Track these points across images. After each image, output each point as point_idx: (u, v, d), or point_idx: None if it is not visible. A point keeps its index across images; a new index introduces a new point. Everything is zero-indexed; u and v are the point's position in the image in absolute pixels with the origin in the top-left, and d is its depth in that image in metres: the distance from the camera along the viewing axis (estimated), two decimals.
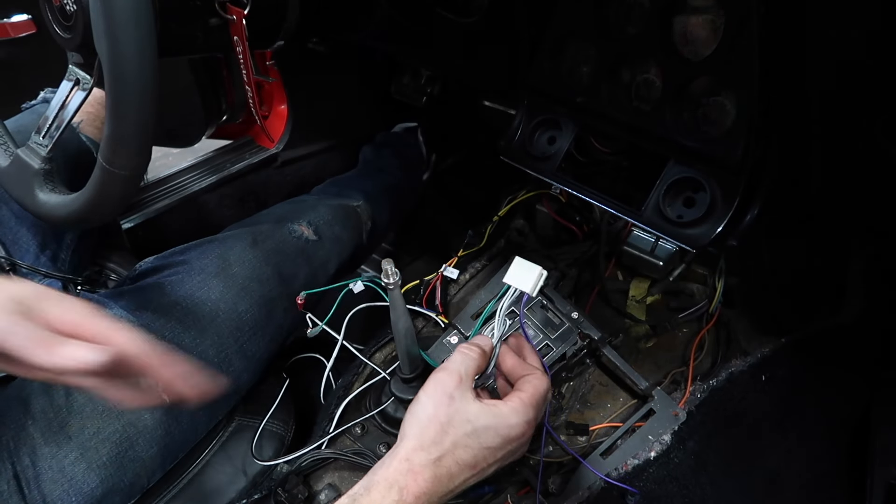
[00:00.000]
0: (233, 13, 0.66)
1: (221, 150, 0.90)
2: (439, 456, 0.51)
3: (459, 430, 0.52)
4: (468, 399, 0.53)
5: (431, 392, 0.54)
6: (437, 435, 0.52)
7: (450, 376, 0.54)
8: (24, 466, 0.64)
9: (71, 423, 0.65)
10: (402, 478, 0.50)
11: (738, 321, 0.84)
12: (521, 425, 0.54)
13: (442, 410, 0.52)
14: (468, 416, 0.53)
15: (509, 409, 0.54)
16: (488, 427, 0.53)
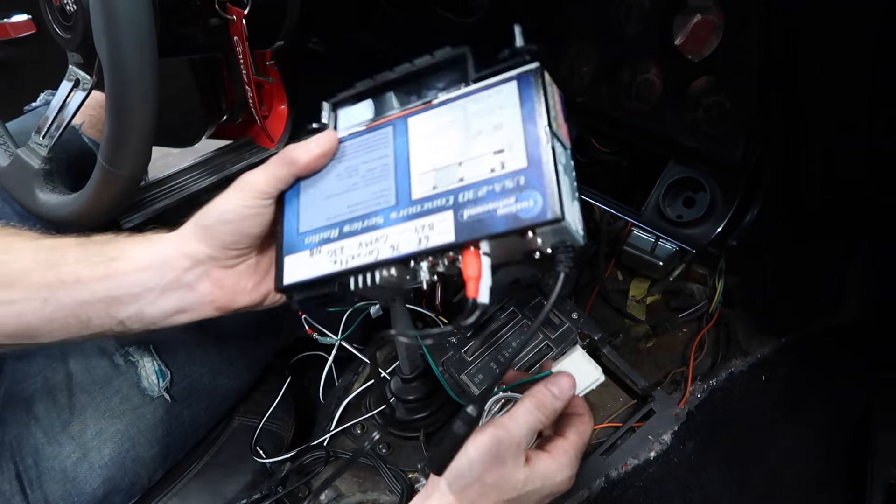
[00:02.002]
0: (233, 13, 0.66)
1: (221, 150, 0.89)
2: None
3: (503, 495, 0.48)
4: (520, 465, 0.49)
5: (485, 451, 0.47)
6: (478, 496, 0.48)
7: (510, 439, 0.48)
8: (27, 466, 0.64)
9: (73, 423, 0.65)
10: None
11: (738, 321, 0.84)
12: (565, 482, 0.51)
13: (490, 475, 0.47)
14: (515, 484, 0.48)
15: (557, 467, 0.50)
16: (534, 491, 0.49)
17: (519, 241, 0.42)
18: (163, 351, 0.70)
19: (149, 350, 0.69)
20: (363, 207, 0.47)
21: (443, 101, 0.46)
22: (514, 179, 0.42)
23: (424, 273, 0.45)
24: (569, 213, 0.41)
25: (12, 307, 0.53)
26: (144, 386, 0.68)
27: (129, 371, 0.68)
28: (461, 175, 0.44)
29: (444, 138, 0.45)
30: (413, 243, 0.44)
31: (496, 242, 0.42)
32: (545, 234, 0.41)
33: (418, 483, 0.71)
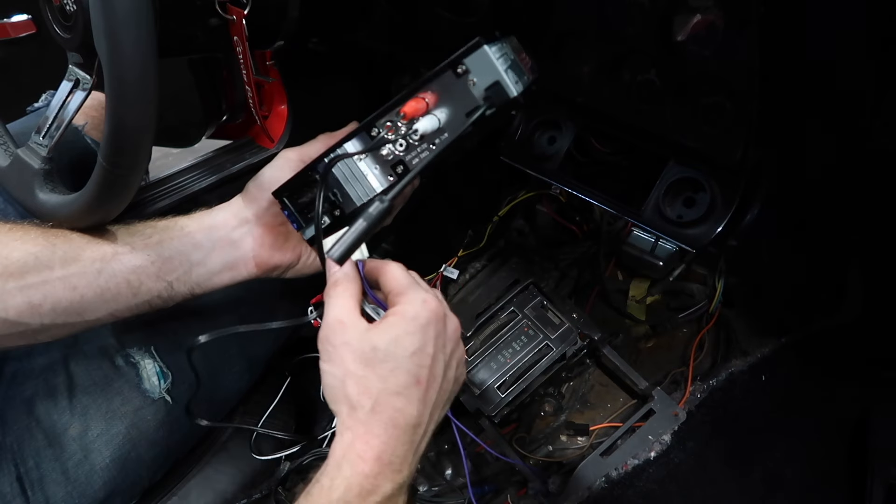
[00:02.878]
0: (233, 13, 0.65)
1: (221, 150, 0.89)
2: (375, 401, 0.46)
3: (373, 361, 0.46)
4: (361, 332, 0.47)
5: (326, 358, 0.48)
6: (357, 384, 0.46)
7: (332, 331, 0.48)
8: (29, 468, 0.64)
9: (74, 424, 0.65)
10: (349, 450, 0.45)
11: (738, 321, 0.84)
12: (426, 308, 0.48)
13: (348, 362, 0.46)
14: (371, 344, 0.46)
15: (402, 306, 0.48)
16: (397, 335, 0.47)
17: (454, 83, 0.50)
18: (163, 352, 0.70)
19: (150, 351, 0.69)
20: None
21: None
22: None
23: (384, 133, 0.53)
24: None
25: (68, 281, 0.56)
26: (145, 387, 0.68)
27: (129, 372, 0.68)
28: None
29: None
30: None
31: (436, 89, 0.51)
32: (475, 67, 0.50)
33: (417, 483, 0.71)
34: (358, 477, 0.45)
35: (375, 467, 0.45)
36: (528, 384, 0.74)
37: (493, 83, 0.51)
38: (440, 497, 0.74)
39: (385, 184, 0.56)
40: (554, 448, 0.76)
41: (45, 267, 0.57)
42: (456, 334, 0.52)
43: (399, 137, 0.54)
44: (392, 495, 0.46)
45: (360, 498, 0.44)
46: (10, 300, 0.56)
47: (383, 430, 0.46)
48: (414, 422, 0.47)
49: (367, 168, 0.56)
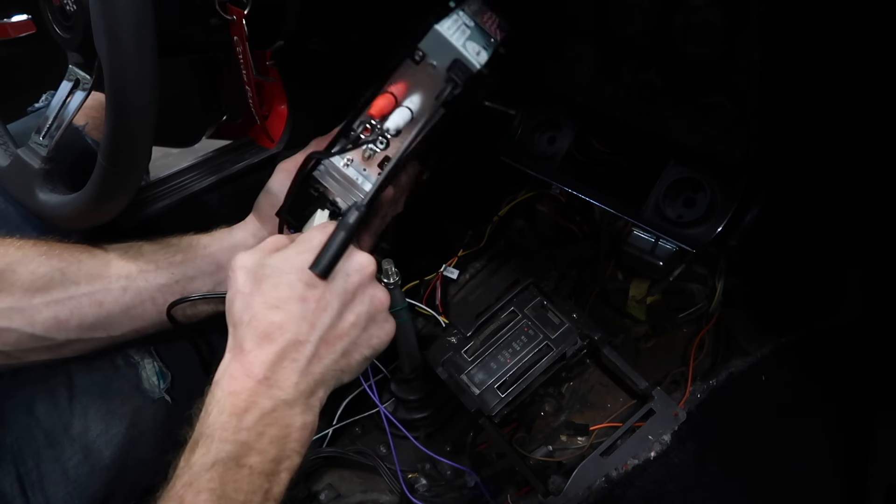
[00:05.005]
0: (233, 13, 0.65)
1: (221, 150, 0.89)
2: (251, 316, 0.45)
3: (259, 278, 0.47)
4: (262, 255, 0.49)
5: (228, 283, 0.49)
6: (242, 301, 0.46)
7: (238, 257, 0.49)
8: (29, 469, 0.64)
9: (74, 425, 0.65)
10: (223, 372, 0.45)
11: (738, 321, 0.84)
12: (317, 233, 0.49)
13: (239, 282, 0.47)
14: (263, 262, 0.48)
15: (307, 234, 0.51)
16: (288, 254, 0.48)
17: (416, 70, 0.50)
18: (163, 352, 0.70)
19: (149, 352, 0.69)
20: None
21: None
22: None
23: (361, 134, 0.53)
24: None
25: (94, 297, 0.57)
26: (145, 387, 0.68)
27: (129, 373, 0.68)
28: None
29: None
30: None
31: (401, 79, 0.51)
32: (431, 49, 0.49)
33: (418, 483, 0.71)
34: (230, 397, 0.43)
35: (247, 383, 0.43)
36: (528, 384, 0.74)
37: (452, 62, 0.49)
38: (440, 497, 0.74)
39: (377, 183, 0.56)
40: (554, 448, 0.76)
41: (72, 283, 0.58)
42: (364, 272, 0.50)
43: (377, 136, 0.53)
44: (273, 412, 0.43)
45: (235, 417, 0.43)
46: (36, 315, 0.57)
47: (255, 345, 0.44)
48: (293, 337, 0.45)
49: (356, 172, 0.56)
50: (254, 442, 0.42)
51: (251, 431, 0.42)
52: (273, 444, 0.43)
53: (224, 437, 0.42)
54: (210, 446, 0.42)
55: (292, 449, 0.44)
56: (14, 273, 0.58)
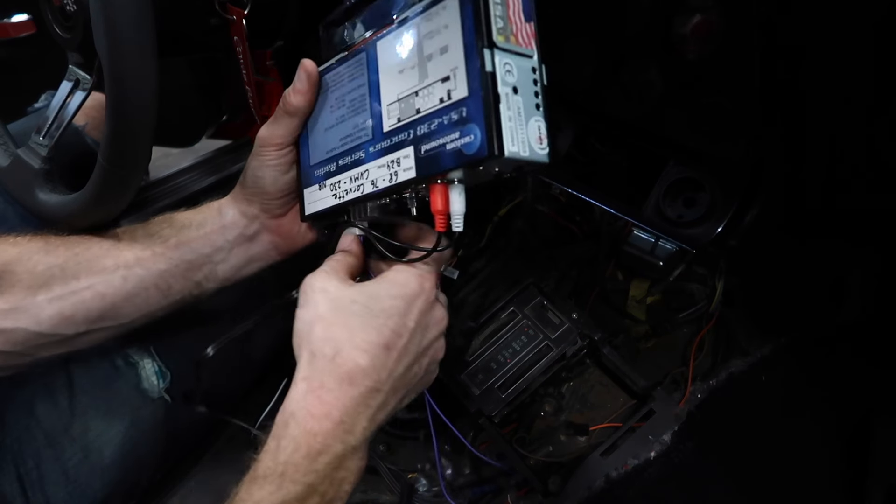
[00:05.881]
0: (233, 13, 0.65)
1: (221, 150, 0.89)
2: (336, 350, 0.43)
3: (346, 312, 0.44)
4: (343, 283, 0.46)
5: (302, 303, 0.46)
6: (324, 330, 0.44)
7: (315, 277, 0.47)
8: (29, 469, 0.64)
9: (74, 425, 0.65)
10: (299, 405, 0.43)
11: (738, 321, 0.84)
12: (419, 282, 0.47)
13: (320, 306, 0.45)
14: (350, 296, 0.45)
15: (396, 273, 0.47)
16: (379, 294, 0.45)
17: (477, 171, 0.41)
18: (162, 352, 0.70)
19: (149, 351, 0.69)
20: (350, 140, 0.49)
21: (401, 21, 0.43)
22: (458, 111, 0.39)
23: (410, 202, 0.46)
24: (513, 142, 0.38)
25: (93, 290, 0.57)
26: (144, 387, 0.68)
27: (129, 373, 0.68)
28: (418, 106, 0.42)
29: (403, 63, 0.43)
30: (386, 179, 0.45)
31: (458, 174, 0.42)
32: (498, 164, 0.40)
33: (418, 483, 0.71)
34: (306, 436, 0.42)
35: (326, 425, 0.42)
36: (528, 384, 0.74)
37: (514, 169, 0.42)
38: (440, 497, 0.74)
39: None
40: (554, 448, 0.76)
41: (72, 277, 0.57)
42: (441, 326, 0.50)
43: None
44: (342, 456, 0.43)
45: (309, 459, 0.42)
46: (41, 313, 0.56)
47: (337, 385, 0.43)
48: (372, 385, 0.44)
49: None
50: (318, 484, 0.42)
51: (320, 474, 0.42)
52: (333, 485, 0.43)
53: (295, 478, 0.42)
54: (280, 485, 0.42)
55: (345, 491, 0.44)
56: (13, 273, 0.57)
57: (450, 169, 0.41)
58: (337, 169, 0.50)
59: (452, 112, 0.40)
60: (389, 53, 0.44)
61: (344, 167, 0.49)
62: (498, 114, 0.38)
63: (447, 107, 0.40)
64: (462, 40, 0.39)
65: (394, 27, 0.44)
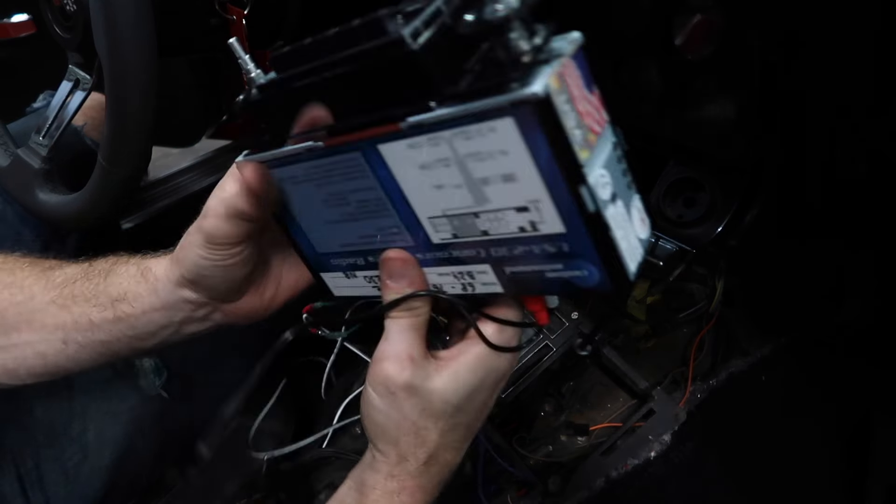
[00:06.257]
0: (233, 13, 0.66)
1: (221, 150, 0.90)
2: (430, 455, 0.42)
3: (441, 415, 0.41)
4: (432, 376, 0.40)
5: (384, 392, 0.40)
6: (416, 436, 0.41)
7: (396, 366, 0.40)
8: (28, 469, 0.64)
9: (74, 424, 0.65)
10: (395, 498, 0.42)
11: (738, 321, 0.84)
12: (505, 361, 0.42)
13: (407, 408, 0.40)
14: (445, 398, 0.40)
15: (477, 355, 0.41)
16: (471, 391, 0.41)
17: None
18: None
19: None
20: (379, 241, 0.42)
21: (417, 129, 0.34)
22: (556, 245, 0.34)
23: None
24: (631, 257, 0.34)
25: (33, 348, 0.52)
26: (142, 385, 0.68)
27: (126, 371, 0.68)
28: (483, 228, 0.37)
29: (439, 178, 0.36)
30: (458, 287, 0.41)
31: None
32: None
33: None
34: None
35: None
36: (528, 384, 0.74)
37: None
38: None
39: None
40: (554, 448, 0.76)
41: (12, 328, 0.52)
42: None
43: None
44: None
45: None
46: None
47: (433, 487, 0.43)
48: (453, 466, 0.44)
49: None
50: None
51: None
52: None
53: None
54: None
55: None
56: None
57: (556, 292, 0.38)
58: (368, 265, 0.44)
59: (546, 245, 0.35)
60: (408, 163, 0.36)
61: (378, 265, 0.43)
62: (614, 243, 0.33)
63: (535, 238, 0.35)
64: (539, 175, 0.32)
65: (404, 134, 0.35)
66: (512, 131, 0.31)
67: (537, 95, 0.29)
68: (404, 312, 0.41)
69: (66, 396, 0.66)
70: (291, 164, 0.41)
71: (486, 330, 0.40)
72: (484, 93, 0.31)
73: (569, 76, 0.32)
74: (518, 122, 0.30)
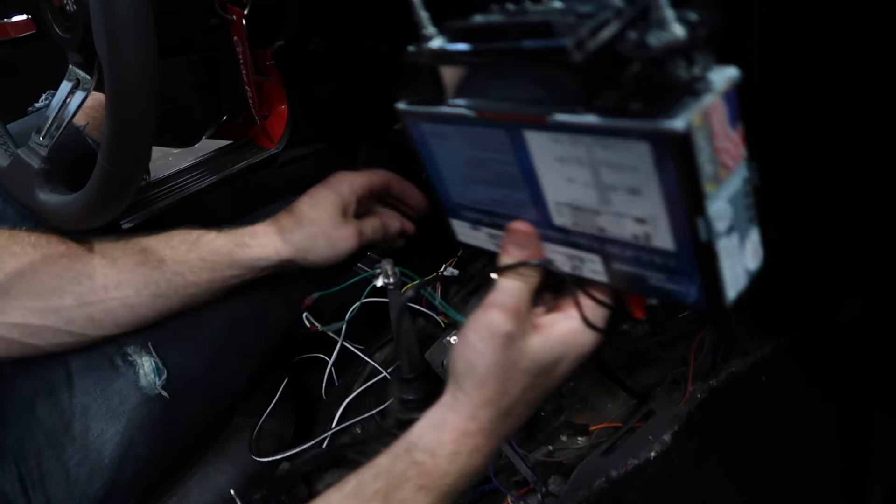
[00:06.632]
0: (233, 13, 0.66)
1: (221, 150, 0.90)
2: (509, 406, 0.44)
3: (527, 372, 0.44)
4: (529, 334, 0.44)
5: (486, 335, 0.43)
6: (503, 384, 0.44)
7: (502, 315, 0.43)
8: (30, 468, 0.64)
9: (75, 425, 0.65)
10: (470, 440, 0.44)
11: (738, 321, 0.84)
12: (590, 342, 0.46)
13: (502, 355, 0.43)
14: (534, 357, 0.44)
15: (571, 328, 0.45)
16: (559, 359, 0.45)
17: None
18: (160, 348, 0.70)
19: (146, 347, 0.69)
20: (506, 208, 0.47)
21: (561, 127, 0.37)
22: (663, 259, 0.37)
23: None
24: (733, 286, 0.36)
25: (125, 301, 0.64)
26: (142, 385, 0.68)
27: (127, 371, 0.68)
28: (601, 225, 0.40)
29: (572, 173, 0.40)
30: (566, 265, 0.45)
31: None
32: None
33: None
34: (471, 469, 0.45)
35: (485, 461, 0.45)
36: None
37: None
38: None
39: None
40: (554, 448, 0.76)
41: (100, 287, 0.63)
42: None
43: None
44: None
45: (467, 482, 0.45)
46: (71, 314, 0.62)
47: (503, 436, 0.46)
48: (519, 424, 0.47)
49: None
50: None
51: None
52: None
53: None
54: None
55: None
56: (36, 274, 0.61)
57: (654, 298, 0.41)
58: (493, 225, 0.50)
59: (654, 256, 0.38)
60: (547, 152, 0.40)
61: (503, 227, 0.49)
62: (718, 272, 0.35)
63: (646, 248, 0.38)
64: (662, 197, 0.34)
65: (549, 127, 0.38)
66: (646, 154, 0.33)
67: (677, 132, 0.31)
68: (518, 276, 0.45)
69: (68, 396, 0.66)
70: (443, 122, 0.46)
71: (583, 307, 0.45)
72: (630, 113, 0.33)
73: (714, 113, 0.33)
74: (653, 148, 0.33)
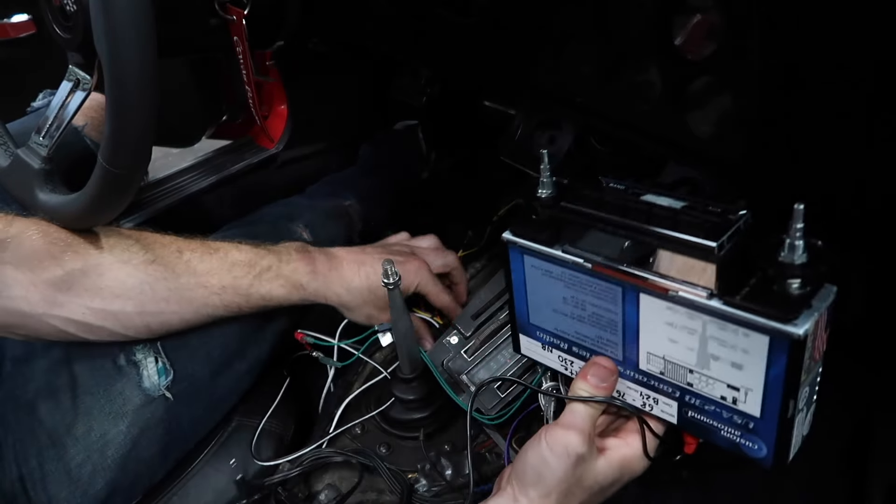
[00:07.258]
0: (233, 13, 0.66)
1: (221, 150, 0.90)
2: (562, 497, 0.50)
3: (589, 490, 0.51)
4: (595, 456, 0.51)
5: (562, 454, 0.49)
6: (565, 497, 0.50)
7: (579, 438, 0.49)
8: (31, 468, 0.64)
9: (77, 425, 0.65)
10: None
11: None
12: (640, 466, 0.53)
13: (570, 473, 0.49)
14: (597, 478, 0.50)
15: (632, 452, 0.52)
16: (615, 481, 0.52)
17: None
18: (168, 349, 0.70)
19: (154, 348, 0.69)
20: (591, 343, 0.53)
21: (682, 301, 0.44)
22: (744, 419, 0.44)
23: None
24: (794, 447, 0.44)
25: (181, 316, 0.67)
26: (146, 386, 0.68)
27: (131, 372, 0.68)
28: (690, 380, 0.46)
29: (677, 336, 0.45)
30: (637, 401, 0.51)
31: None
32: None
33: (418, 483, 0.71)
34: None
35: None
36: (528, 384, 0.74)
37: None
38: (440, 497, 0.74)
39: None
40: None
41: (161, 299, 0.65)
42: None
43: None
44: None
45: None
46: (128, 321, 0.64)
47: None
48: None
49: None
50: None
51: None
52: None
53: None
54: None
55: None
56: (101, 276, 0.62)
57: (722, 446, 0.46)
58: (569, 352, 0.55)
59: (736, 416, 0.44)
60: (658, 315, 0.46)
61: (579, 356, 0.55)
62: (789, 439, 0.43)
63: (730, 408, 0.44)
64: (764, 378, 0.42)
65: (669, 298, 0.44)
66: (762, 345, 0.40)
67: (798, 336, 0.39)
68: (590, 403, 0.51)
69: (70, 397, 0.66)
70: (549, 261, 0.51)
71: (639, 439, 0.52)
72: (754, 310, 0.40)
73: (820, 322, 0.42)
74: (772, 343, 0.40)
